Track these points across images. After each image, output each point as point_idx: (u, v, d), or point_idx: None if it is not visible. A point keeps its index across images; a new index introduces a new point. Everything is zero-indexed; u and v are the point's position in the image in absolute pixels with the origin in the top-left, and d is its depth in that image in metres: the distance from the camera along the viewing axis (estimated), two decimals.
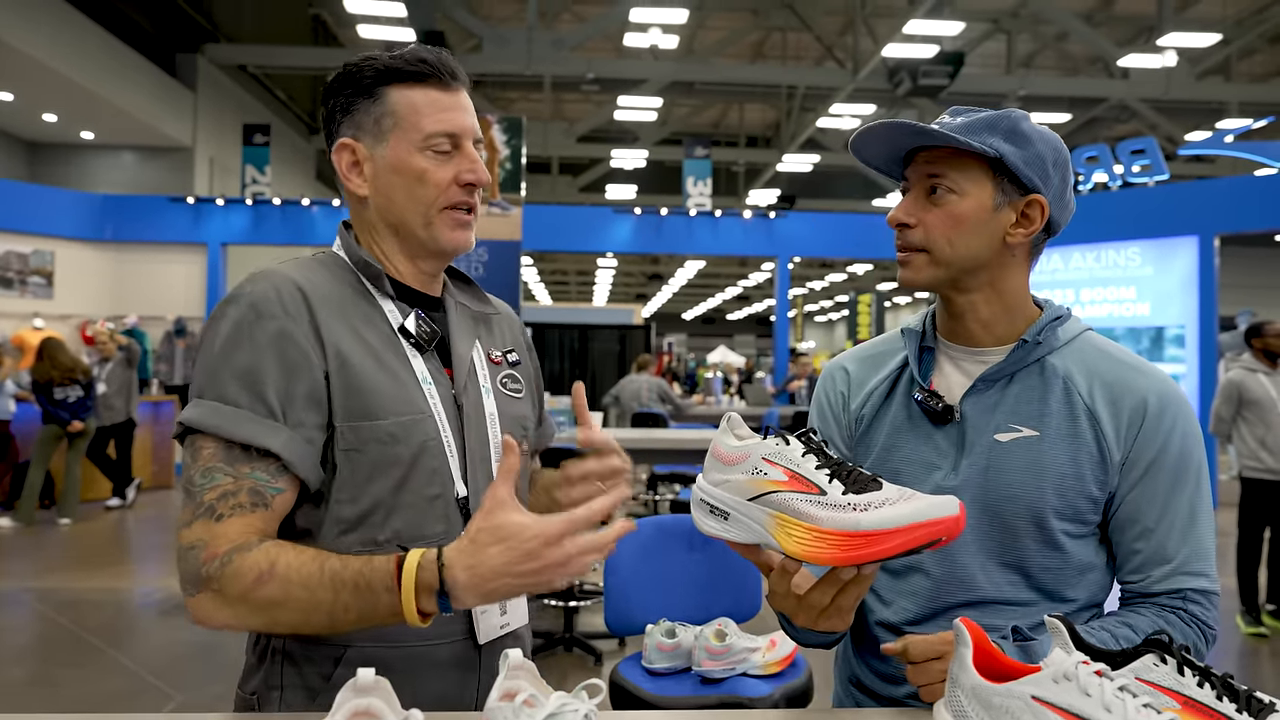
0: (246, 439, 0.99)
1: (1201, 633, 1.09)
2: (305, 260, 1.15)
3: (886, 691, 1.19)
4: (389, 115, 1.11)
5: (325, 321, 1.06)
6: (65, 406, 7.04)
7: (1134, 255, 8.71)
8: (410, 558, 0.92)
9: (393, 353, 1.10)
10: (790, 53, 15.04)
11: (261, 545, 0.97)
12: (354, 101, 1.12)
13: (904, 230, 1.14)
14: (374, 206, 1.14)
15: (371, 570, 0.93)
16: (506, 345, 1.28)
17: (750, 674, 2.13)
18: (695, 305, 36.77)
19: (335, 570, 0.95)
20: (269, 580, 0.94)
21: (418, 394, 1.09)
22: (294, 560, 0.96)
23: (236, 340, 1.02)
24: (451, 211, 1.13)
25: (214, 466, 0.99)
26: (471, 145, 1.14)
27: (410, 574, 0.91)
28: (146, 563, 6.14)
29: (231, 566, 0.96)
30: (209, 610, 0.98)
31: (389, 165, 1.11)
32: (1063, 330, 1.16)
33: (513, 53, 12.55)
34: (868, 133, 1.13)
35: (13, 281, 10.18)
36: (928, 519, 0.82)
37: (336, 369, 1.05)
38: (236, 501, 0.99)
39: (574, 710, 0.80)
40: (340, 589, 0.93)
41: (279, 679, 1.06)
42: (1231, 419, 4.67)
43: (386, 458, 1.05)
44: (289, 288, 1.06)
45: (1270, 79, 15.49)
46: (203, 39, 13.21)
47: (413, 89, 1.11)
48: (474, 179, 1.13)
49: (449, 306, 1.20)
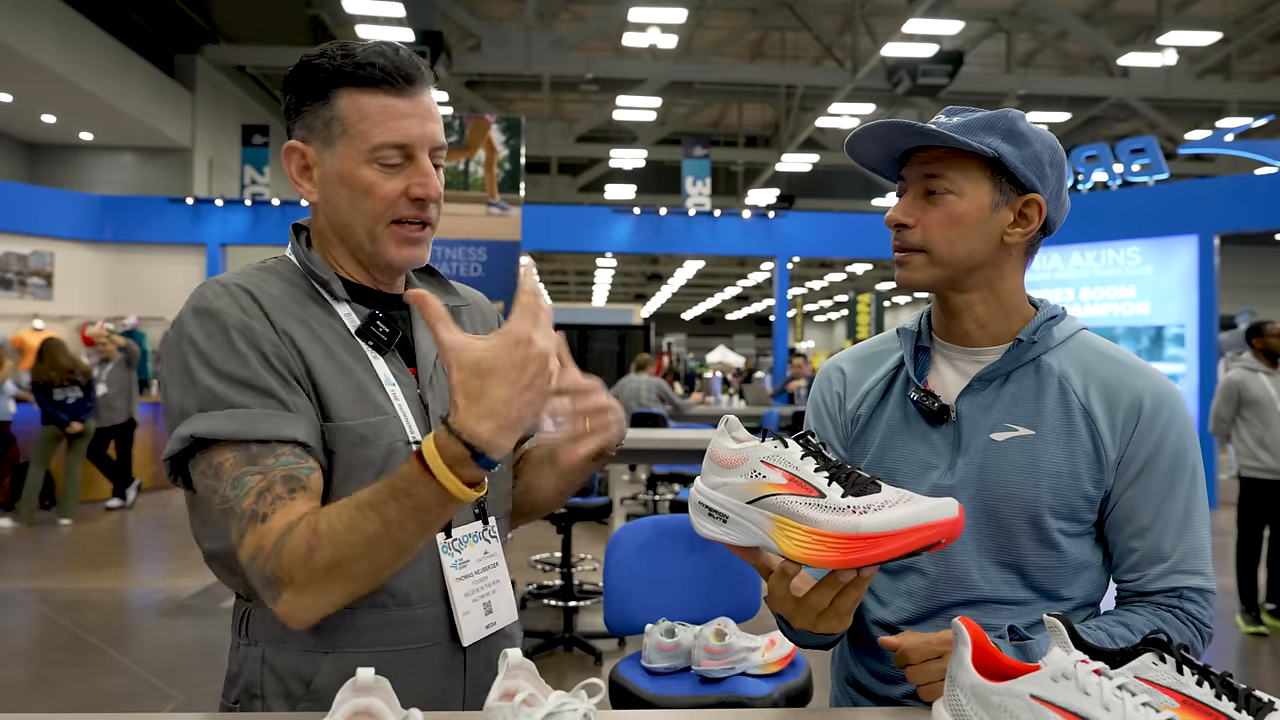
0: (269, 435, 0.96)
1: (1198, 631, 1.09)
2: (252, 268, 1.10)
3: (884, 691, 1.19)
4: (337, 121, 1.05)
5: (280, 322, 1.03)
6: (64, 407, 7.04)
7: (1134, 254, 8.71)
8: (426, 445, 0.89)
9: (352, 355, 1.07)
10: (789, 52, 15.03)
11: (301, 520, 0.94)
12: (304, 102, 1.07)
13: (902, 230, 1.14)
14: (322, 213, 1.10)
15: (400, 479, 0.90)
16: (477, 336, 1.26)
17: (750, 673, 2.13)
18: (694, 305, 36.77)
19: (368, 500, 0.92)
20: (318, 545, 0.91)
21: (381, 396, 1.06)
22: (330, 514, 0.93)
23: (212, 347, 0.99)
24: (398, 227, 1.07)
25: (241, 474, 0.96)
26: (426, 156, 1.07)
27: (435, 459, 0.87)
28: (147, 563, 6.15)
29: (285, 552, 0.92)
30: (294, 606, 0.93)
31: (336, 174, 1.06)
32: (1058, 329, 1.16)
33: (511, 52, 12.55)
34: (864, 133, 1.13)
35: (12, 282, 10.19)
36: (927, 521, 0.83)
37: (300, 368, 1.02)
38: (275, 495, 0.95)
39: (573, 709, 0.80)
40: (384, 510, 0.90)
41: (260, 687, 1.03)
42: (1231, 419, 4.66)
43: (358, 459, 1.03)
44: (238, 291, 1.03)
45: (1270, 78, 15.49)
46: (201, 40, 13.21)
47: (364, 94, 1.04)
48: (423, 193, 1.05)
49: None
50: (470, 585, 1.10)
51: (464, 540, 1.11)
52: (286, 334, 1.03)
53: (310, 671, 1.02)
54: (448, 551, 1.09)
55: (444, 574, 1.08)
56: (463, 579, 1.09)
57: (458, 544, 1.10)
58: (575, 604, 4.30)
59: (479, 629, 1.11)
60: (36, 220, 10.29)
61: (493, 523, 1.15)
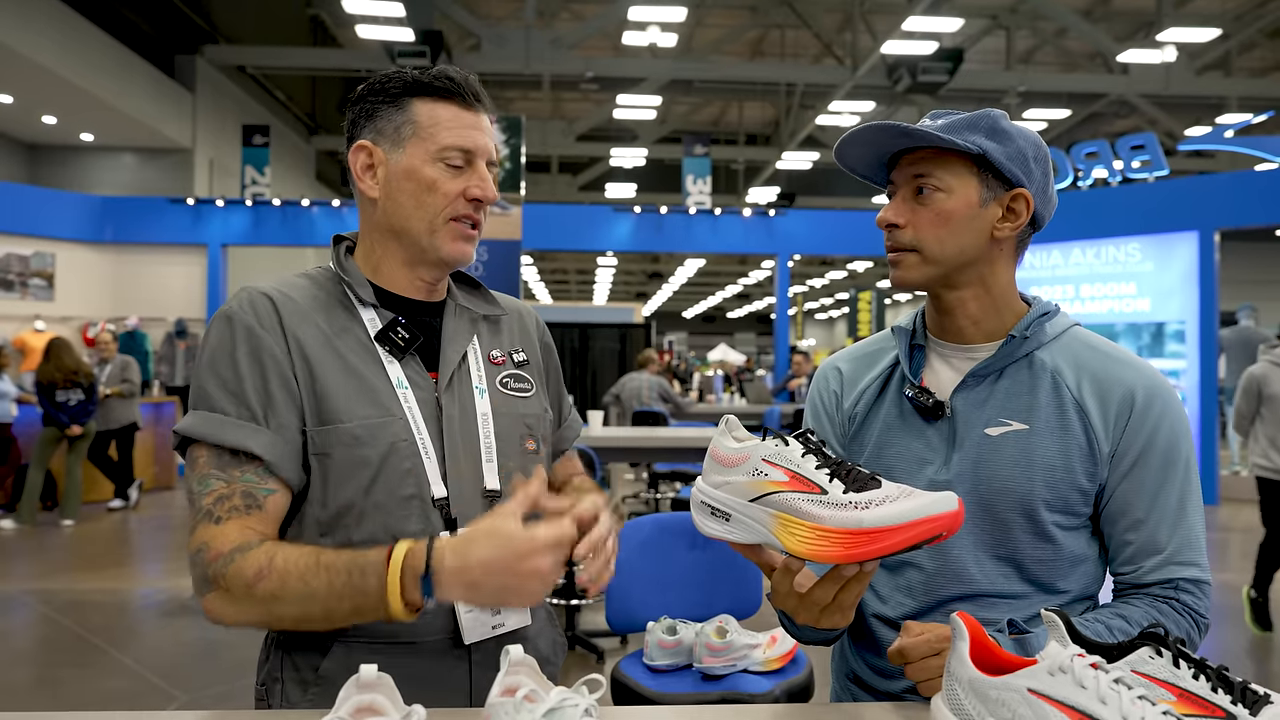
0: (233, 444, 1.05)
1: (1194, 622, 1.10)
2: (292, 275, 1.20)
3: (884, 686, 1.19)
4: (410, 124, 1.14)
5: (294, 329, 1.11)
6: (65, 409, 7.04)
7: (1134, 251, 8.70)
8: (402, 542, 0.96)
9: (364, 359, 1.13)
10: (789, 50, 15.03)
11: (262, 544, 1.01)
12: (378, 108, 1.16)
13: (893, 231, 1.16)
14: (381, 210, 1.17)
15: (364, 557, 0.97)
16: (513, 345, 1.29)
17: (751, 670, 2.14)
18: (695, 303, 36.76)
19: (330, 560, 0.98)
20: (268, 574, 0.98)
21: (389, 397, 1.12)
22: (292, 554, 1.00)
23: (219, 352, 1.09)
24: (456, 223, 1.16)
25: (209, 474, 1.05)
26: (484, 165, 1.17)
27: (399, 557, 0.94)
28: (149, 563, 6.16)
29: (235, 565, 1.00)
30: (218, 608, 1.02)
31: (402, 171, 1.14)
32: (1050, 325, 1.18)
33: (511, 52, 12.55)
34: (852, 138, 1.15)
35: (13, 284, 10.20)
36: (928, 515, 0.84)
37: (304, 374, 1.09)
38: (232, 504, 1.04)
39: (574, 705, 0.81)
40: (334, 576, 0.96)
41: (279, 671, 1.11)
42: (1251, 416, 4.44)
43: (353, 460, 1.08)
44: (261, 300, 1.12)
45: (1270, 74, 15.48)
46: (201, 40, 13.21)
47: (437, 103, 1.15)
48: (481, 195, 1.16)
49: (447, 311, 1.23)
50: None
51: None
52: (297, 340, 1.10)
53: (318, 658, 1.09)
54: None
55: None
56: None
57: None
58: (577, 602, 4.31)
59: (483, 629, 1.12)
60: (37, 221, 10.30)
61: None
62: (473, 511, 1.12)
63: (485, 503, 1.14)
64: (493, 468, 1.17)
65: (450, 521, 1.11)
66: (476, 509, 1.13)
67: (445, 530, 1.10)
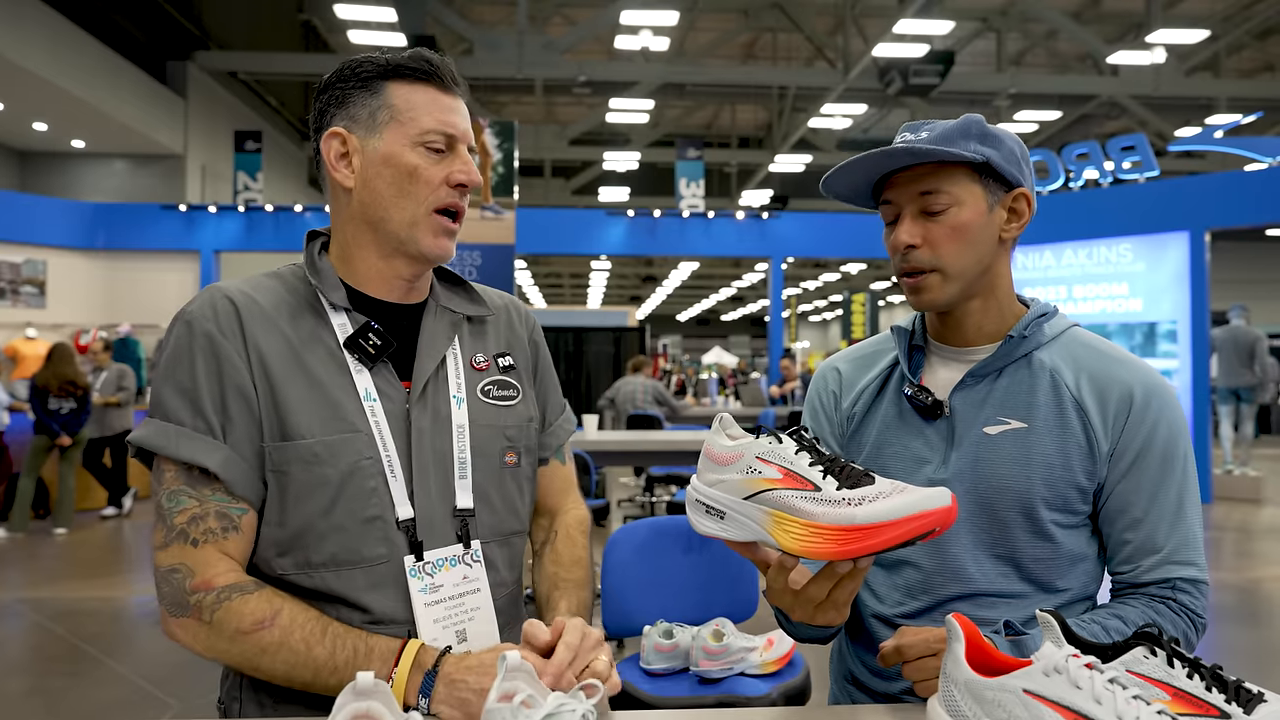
0: (188, 459, 1.00)
1: (1191, 622, 1.10)
2: (261, 275, 1.13)
3: (881, 687, 1.19)
4: (385, 108, 1.08)
5: (256, 336, 1.04)
6: (56, 418, 7.01)
7: (1125, 251, 8.74)
8: (414, 644, 0.98)
9: (330, 369, 1.06)
10: (781, 53, 15.07)
11: (262, 591, 0.99)
12: (350, 94, 1.10)
13: (910, 252, 1.14)
14: (358, 200, 1.10)
15: (375, 641, 0.98)
16: (500, 348, 1.22)
17: (748, 673, 2.14)
18: (690, 307, 36.78)
19: (338, 632, 0.98)
20: (270, 628, 0.97)
21: (354, 411, 1.05)
22: (299, 616, 0.98)
23: (177, 357, 1.03)
24: (439, 216, 1.10)
25: (178, 490, 1.01)
26: (465, 150, 1.12)
27: (411, 650, 0.97)
28: (143, 572, 6.13)
29: (231, 605, 0.98)
30: (190, 637, 0.99)
31: (380, 157, 1.08)
32: (1049, 326, 1.18)
33: (503, 56, 12.56)
34: (849, 167, 1.13)
35: (5, 291, 10.15)
36: (921, 511, 0.84)
37: (264, 385, 1.03)
38: (207, 526, 1.00)
39: (571, 710, 0.80)
40: (339, 651, 0.96)
41: (238, 691, 1.08)
42: None
43: (312, 479, 1.02)
44: (223, 303, 1.05)
45: (1258, 74, 15.57)
46: (193, 46, 13.19)
47: (413, 86, 1.09)
48: (466, 179, 1.10)
49: (427, 313, 1.16)
50: (441, 611, 1.06)
51: (438, 564, 1.07)
52: (258, 349, 1.04)
53: (277, 686, 1.04)
54: (416, 575, 1.05)
55: (410, 598, 1.05)
56: (433, 604, 1.06)
57: (430, 567, 1.06)
58: None
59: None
60: (29, 228, 10.26)
61: (477, 546, 1.10)
62: (442, 533, 1.07)
63: (456, 523, 1.09)
64: (466, 485, 1.10)
65: (415, 545, 1.05)
66: (447, 530, 1.08)
67: (410, 555, 1.05)
